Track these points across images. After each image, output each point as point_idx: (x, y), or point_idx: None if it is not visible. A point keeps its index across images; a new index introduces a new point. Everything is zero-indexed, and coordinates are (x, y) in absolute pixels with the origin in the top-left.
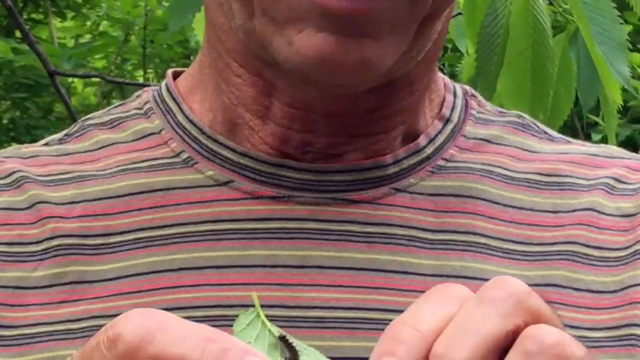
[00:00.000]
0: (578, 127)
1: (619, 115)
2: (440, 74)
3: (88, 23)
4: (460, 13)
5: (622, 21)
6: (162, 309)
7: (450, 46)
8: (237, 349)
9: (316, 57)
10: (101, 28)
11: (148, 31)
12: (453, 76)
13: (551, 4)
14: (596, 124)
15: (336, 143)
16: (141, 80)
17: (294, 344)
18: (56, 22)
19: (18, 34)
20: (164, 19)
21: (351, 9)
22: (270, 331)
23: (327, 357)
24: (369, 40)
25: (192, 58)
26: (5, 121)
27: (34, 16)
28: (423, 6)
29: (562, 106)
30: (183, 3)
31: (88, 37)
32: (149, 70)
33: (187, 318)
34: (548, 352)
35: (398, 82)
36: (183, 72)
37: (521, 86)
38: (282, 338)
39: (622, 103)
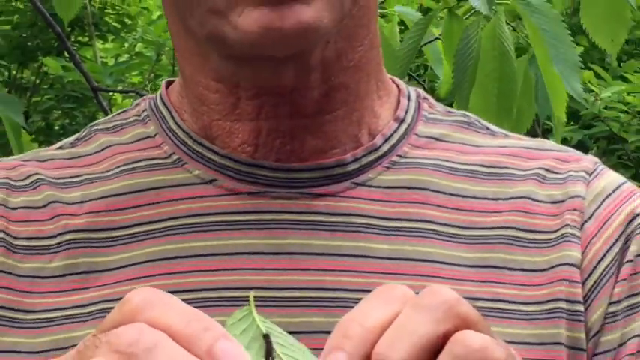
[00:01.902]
0: (539, 132)
1: (572, 122)
2: (394, 81)
3: (126, 45)
4: (438, 38)
5: (575, 45)
6: None
7: (429, 65)
8: (216, 331)
9: (259, 30)
10: (137, 49)
11: None
12: (433, 90)
13: (514, 30)
14: (552, 129)
15: (296, 134)
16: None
17: (277, 341)
18: (99, 44)
19: (67, 54)
20: None
21: None
22: (258, 327)
23: (310, 349)
24: (300, 5)
25: None
26: (57, 127)
27: (80, 39)
28: None
29: (525, 117)
30: None
31: (125, 56)
32: None
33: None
34: (474, 355)
35: (336, 80)
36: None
37: (489, 102)
38: (265, 336)
39: (574, 112)
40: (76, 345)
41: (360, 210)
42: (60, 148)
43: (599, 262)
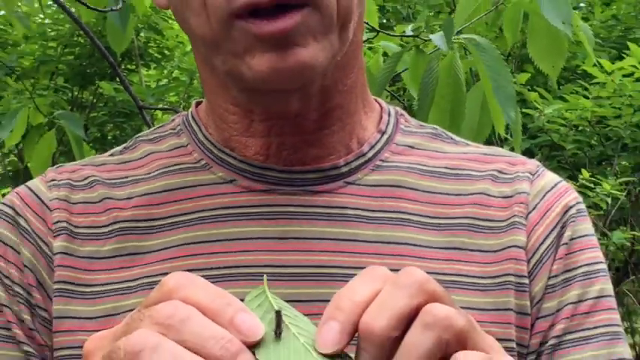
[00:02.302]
0: (497, 141)
1: (522, 133)
2: (377, 102)
3: (165, 71)
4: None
5: (513, 79)
6: (188, 270)
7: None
8: (237, 306)
9: (268, 70)
10: (174, 75)
11: None
12: (411, 107)
13: (466, 57)
14: (507, 139)
15: (300, 145)
16: None
17: (285, 314)
18: (144, 71)
19: (118, 79)
20: None
21: (276, 30)
22: (270, 303)
23: (313, 322)
24: (299, 49)
25: None
26: (110, 138)
27: (128, 66)
28: (329, 18)
29: (484, 128)
30: None
31: (165, 81)
32: None
33: (205, 277)
34: (440, 323)
35: (331, 103)
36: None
37: (443, 117)
38: (277, 312)
39: (523, 125)
40: (124, 312)
41: (351, 203)
42: (111, 154)
43: (540, 245)
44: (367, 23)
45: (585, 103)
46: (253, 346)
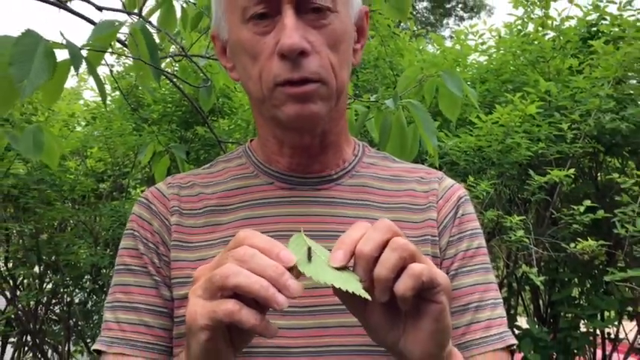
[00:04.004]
0: (421, 160)
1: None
2: (352, 138)
3: (232, 120)
4: (371, 118)
5: (434, 120)
6: None
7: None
8: (280, 247)
9: (294, 114)
10: (238, 123)
11: None
12: (371, 142)
13: (409, 111)
14: (426, 159)
15: (310, 162)
16: None
17: (314, 250)
18: (220, 120)
19: (206, 125)
20: None
21: (301, 92)
22: (305, 242)
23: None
24: (312, 104)
25: None
26: (201, 159)
27: (212, 118)
28: (331, 90)
29: (413, 153)
30: None
31: (232, 126)
32: None
33: None
34: (401, 247)
35: (328, 139)
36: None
37: (395, 148)
38: (309, 248)
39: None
40: (209, 259)
41: (338, 196)
42: (203, 169)
43: (444, 218)
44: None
45: (470, 138)
46: (294, 269)
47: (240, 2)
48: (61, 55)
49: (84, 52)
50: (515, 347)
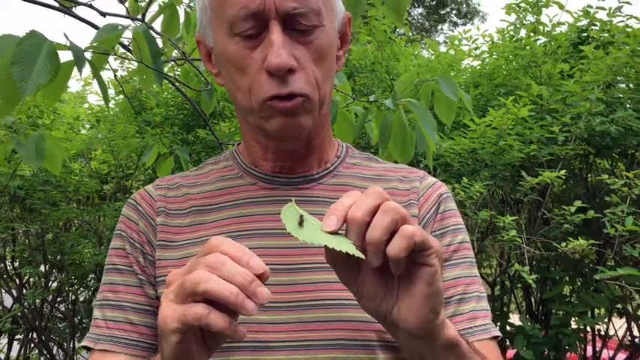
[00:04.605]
0: (416, 161)
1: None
2: (337, 140)
3: (233, 123)
4: (370, 120)
5: (433, 116)
6: (230, 234)
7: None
8: (249, 255)
9: (280, 127)
10: (238, 125)
11: None
12: (369, 142)
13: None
14: (421, 160)
15: (293, 164)
16: None
17: (305, 218)
18: (221, 123)
19: (208, 127)
20: None
21: (288, 106)
22: (297, 211)
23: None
24: (298, 116)
25: None
26: (203, 160)
27: (213, 121)
28: (314, 103)
29: (410, 153)
30: None
31: (233, 128)
32: None
33: (239, 235)
34: (392, 210)
35: (312, 143)
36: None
37: (396, 147)
38: (301, 215)
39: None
40: (193, 256)
41: (320, 194)
42: (191, 170)
43: (426, 215)
44: (346, 93)
45: (464, 141)
46: (263, 276)
47: (227, 17)
48: (64, 57)
49: (87, 55)
50: (499, 339)
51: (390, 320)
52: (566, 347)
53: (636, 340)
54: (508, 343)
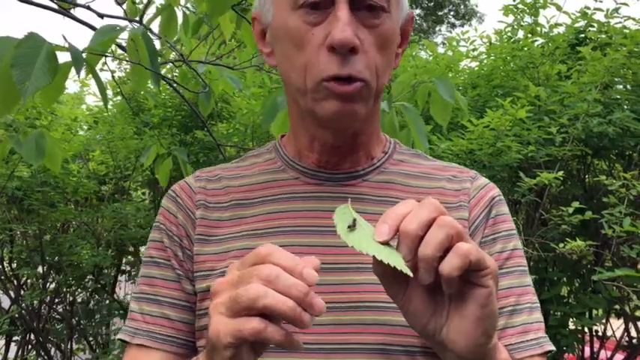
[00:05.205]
0: None
1: None
2: (385, 136)
3: (231, 124)
4: None
5: (425, 125)
6: (270, 229)
7: None
8: (301, 265)
9: (334, 112)
10: (236, 127)
11: (256, 126)
12: None
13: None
14: None
15: (339, 158)
16: (250, 146)
17: (359, 221)
18: (219, 124)
19: (206, 128)
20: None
21: (345, 91)
22: (351, 213)
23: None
24: (353, 103)
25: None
26: (201, 162)
27: (211, 122)
28: (372, 91)
29: None
30: (267, 115)
31: (231, 130)
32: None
33: (280, 232)
34: (448, 225)
35: (359, 137)
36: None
37: None
38: (353, 220)
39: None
40: (233, 251)
41: (365, 192)
42: (231, 162)
43: (476, 219)
44: None
45: (462, 142)
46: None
47: None
48: (62, 58)
49: (85, 56)
50: (552, 352)
51: (438, 340)
52: (564, 348)
53: (634, 340)
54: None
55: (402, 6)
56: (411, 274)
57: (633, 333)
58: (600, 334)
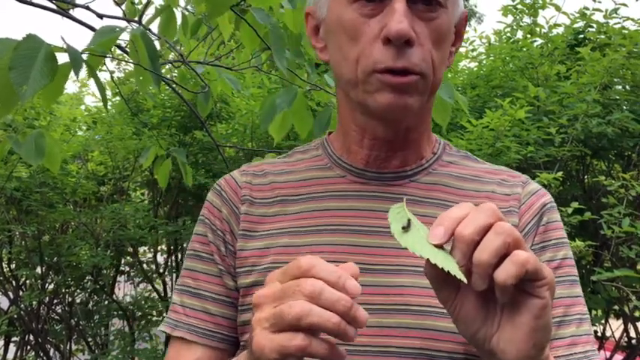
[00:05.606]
0: None
1: None
2: (435, 136)
3: (230, 125)
4: None
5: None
6: (313, 227)
7: None
8: (344, 277)
9: (387, 104)
10: (235, 127)
11: (255, 126)
12: None
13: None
14: None
15: (388, 156)
16: (250, 146)
17: (413, 221)
18: (218, 125)
19: (204, 129)
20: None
21: (399, 82)
22: (405, 213)
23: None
24: (407, 96)
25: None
26: (200, 162)
27: (210, 122)
28: (428, 85)
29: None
30: (266, 116)
31: (230, 130)
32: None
33: (324, 230)
34: (506, 232)
35: (410, 134)
36: (332, 132)
37: None
38: (408, 220)
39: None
40: (275, 248)
41: (412, 193)
42: (278, 158)
43: (526, 225)
44: None
45: (462, 142)
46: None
47: None
48: (61, 59)
49: (84, 57)
50: None
51: (488, 348)
52: None
53: (633, 341)
54: None
55: (458, 3)
56: (465, 280)
57: (632, 333)
58: (599, 334)
